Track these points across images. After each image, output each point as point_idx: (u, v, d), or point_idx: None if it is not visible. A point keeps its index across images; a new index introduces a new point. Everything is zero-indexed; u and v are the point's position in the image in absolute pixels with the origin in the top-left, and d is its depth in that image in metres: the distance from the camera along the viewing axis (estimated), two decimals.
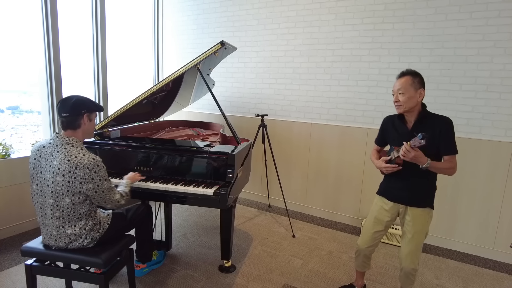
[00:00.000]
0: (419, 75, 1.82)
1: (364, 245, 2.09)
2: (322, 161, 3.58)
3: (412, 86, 1.79)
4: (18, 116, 3.36)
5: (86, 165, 1.66)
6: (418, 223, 1.88)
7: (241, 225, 3.36)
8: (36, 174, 1.73)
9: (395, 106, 1.86)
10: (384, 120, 2.08)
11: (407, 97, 1.79)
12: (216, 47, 2.49)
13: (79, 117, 1.73)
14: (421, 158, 1.71)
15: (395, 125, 1.96)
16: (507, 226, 2.81)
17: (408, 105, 1.81)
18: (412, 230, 1.89)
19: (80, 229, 1.75)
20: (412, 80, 1.79)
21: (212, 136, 3.13)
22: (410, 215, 1.90)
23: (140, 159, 2.37)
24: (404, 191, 1.90)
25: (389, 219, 2.00)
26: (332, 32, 3.35)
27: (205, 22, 4.15)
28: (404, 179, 1.89)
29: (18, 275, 2.36)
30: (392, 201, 1.97)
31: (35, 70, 3.23)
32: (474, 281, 2.54)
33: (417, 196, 1.88)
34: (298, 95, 3.65)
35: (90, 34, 3.61)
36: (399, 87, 1.81)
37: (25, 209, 3.02)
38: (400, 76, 1.85)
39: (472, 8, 2.73)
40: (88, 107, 1.77)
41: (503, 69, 2.69)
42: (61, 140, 1.70)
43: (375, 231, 2.04)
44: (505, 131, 2.74)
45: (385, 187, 2.04)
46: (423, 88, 1.81)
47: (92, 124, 1.84)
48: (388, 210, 1.99)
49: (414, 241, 1.88)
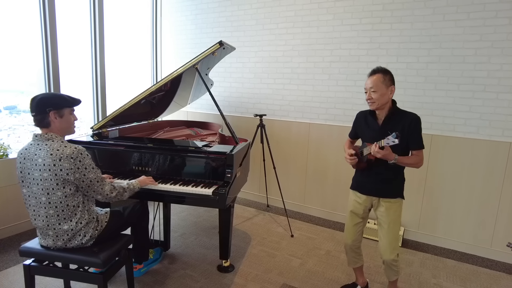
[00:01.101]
0: (389, 73, 1.89)
1: (348, 239, 2.16)
2: (321, 161, 3.59)
3: (384, 84, 1.85)
4: (16, 116, 3.35)
5: (70, 155, 1.66)
6: (392, 213, 1.97)
7: (239, 225, 3.36)
8: (24, 177, 1.72)
9: (368, 103, 1.93)
10: (357, 115, 2.15)
11: (379, 94, 1.86)
12: (215, 47, 2.49)
13: (45, 116, 1.70)
14: (389, 156, 1.80)
15: (367, 121, 2.04)
16: (504, 226, 2.82)
17: (381, 101, 1.88)
18: (387, 220, 1.97)
19: (77, 223, 1.74)
20: (383, 77, 1.86)
21: (211, 136, 3.13)
22: (383, 206, 1.99)
23: (138, 159, 2.36)
24: (376, 184, 1.99)
25: (364, 212, 2.10)
26: (331, 32, 3.36)
27: (203, 22, 4.15)
28: (375, 173, 1.98)
29: (16, 276, 2.36)
30: (365, 194, 2.06)
31: (33, 70, 3.22)
32: (471, 280, 2.56)
33: (388, 188, 1.98)
34: (296, 95, 3.65)
35: (88, 34, 3.60)
36: (371, 85, 1.87)
37: (23, 209, 3.01)
38: (371, 74, 1.91)
39: (469, 8, 2.74)
40: (54, 104, 1.71)
41: (500, 69, 2.70)
42: (40, 138, 1.71)
43: (354, 224, 2.12)
44: (502, 131, 2.75)
45: (357, 182, 2.12)
46: (393, 85, 1.89)
47: (66, 121, 1.76)
48: (362, 203, 2.08)
49: (391, 231, 1.96)
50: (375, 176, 1.99)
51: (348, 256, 2.23)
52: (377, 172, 1.97)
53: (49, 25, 3.10)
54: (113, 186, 1.87)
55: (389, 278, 2.09)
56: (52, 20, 3.12)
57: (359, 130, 2.14)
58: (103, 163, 2.41)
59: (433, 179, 3.04)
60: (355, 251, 2.19)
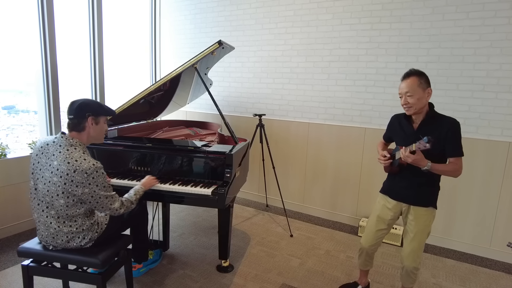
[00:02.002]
0: (424, 74, 1.79)
1: (367, 243, 2.10)
2: (320, 161, 3.59)
3: (420, 87, 1.76)
4: (14, 116, 3.34)
5: (85, 170, 1.65)
6: (421, 222, 1.88)
7: (239, 225, 3.36)
8: (35, 171, 1.72)
9: (405, 108, 1.84)
10: (392, 118, 2.07)
11: (417, 98, 1.76)
12: (214, 46, 2.48)
13: (83, 120, 1.73)
14: (421, 162, 1.72)
15: (401, 125, 1.95)
16: (503, 225, 2.83)
17: (418, 106, 1.78)
18: (415, 229, 1.89)
19: (77, 228, 1.74)
20: (419, 80, 1.76)
21: (210, 135, 3.12)
22: (413, 214, 1.91)
23: (137, 159, 2.36)
24: (408, 190, 1.91)
25: (391, 218, 2.01)
26: (330, 31, 3.35)
27: (202, 21, 4.14)
28: (408, 178, 1.89)
29: (14, 276, 2.35)
30: (396, 200, 1.98)
31: (32, 70, 3.21)
32: (471, 280, 2.56)
33: (421, 196, 1.89)
34: (295, 95, 3.65)
35: (87, 34, 3.59)
36: (407, 90, 1.77)
37: (21, 210, 3.00)
38: (405, 78, 1.81)
39: (468, 8, 2.74)
40: (94, 111, 1.75)
41: (500, 69, 2.70)
42: (65, 141, 1.70)
43: (378, 229, 2.04)
44: (501, 130, 2.75)
45: (389, 186, 2.04)
46: (430, 87, 1.79)
47: (100, 129, 1.81)
48: (391, 208, 2.00)
49: (417, 240, 1.89)
50: (408, 181, 1.90)
51: (361, 259, 2.19)
52: (410, 177, 1.88)
53: (47, 24, 3.09)
54: (122, 202, 1.85)
55: (404, 284, 2.01)
56: (50, 20, 3.11)
57: (393, 134, 2.05)
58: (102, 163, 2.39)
59: None
60: (369, 255, 2.15)
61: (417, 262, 1.91)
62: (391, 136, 2.10)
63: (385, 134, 2.15)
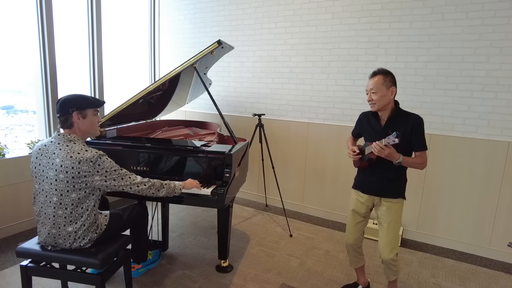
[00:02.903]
0: (390, 74, 1.89)
1: (350, 239, 2.16)
2: (319, 161, 3.58)
3: (384, 85, 1.86)
4: (13, 115, 3.33)
5: (90, 158, 1.65)
6: (393, 212, 1.98)
7: (238, 225, 3.35)
8: (38, 173, 1.71)
9: (370, 104, 1.94)
10: (360, 115, 2.16)
11: (380, 95, 1.87)
12: (213, 46, 2.48)
13: (69, 116, 1.71)
14: (394, 155, 1.81)
15: (370, 122, 2.05)
16: (503, 225, 2.83)
17: (381, 103, 1.88)
18: (388, 220, 1.98)
19: (81, 226, 1.73)
20: (383, 79, 1.86)
21: (209, 135, 3.12)
22: (384, 205, 2.00)
23: (136, 159, 2.35)
24: (378, 184, 2.00)
25: (365, 211, 2.11)
26: (329, 31, 3.35)
27: (201, 21, 4.13)
28: (377, 172, 1.99)
29: (13, 276, 2.34)
30: (367, 193, 2.07)
31: (30, 69, 3.20)
32: (470, 280, 2.56)
33: (390, 188, 1.99)
34: (295, 95, 3.65)
35: (86, 33, 3.59)
36: (372, 87, 1.88)
37: (20, 210, 3.00)
38: (372, 76, 1.92)
39: (468, 8, 2.74)
40: (78, 105, 1.72)
41: (499, 69, 2.70)
42: (62, 138, 1.70)
43: (356, 223, 2.13)
44: (501, 130, 2.75)
45: (360, 181, 2.12)
46: (394, 86, 1.89)
47: (89, 122, 1.78)
48: (364, 202, 2.09)
49: (391, 231, 1.97)
50: (378, 176, 1.99)
51: (350, 256, 2.22)
52: (380, 171, 1.98)
53: (46, 24, 3.08)
54: (148, 179, 1.86)
55: (388, 278, 2.08)
56: (49, 19, 3.10)
57: (361, 130, 2.15)
58: None
59: (432, 178, 3.04)
60: (356, 251, 2.19)
61: (394, 253, 1.97)
62: (359, 132, 2.20)
63: (354, 130, 2.25)
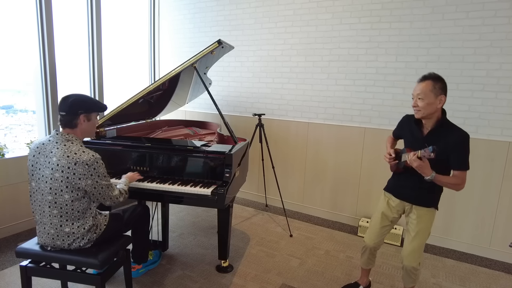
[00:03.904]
0: (441, 80, 1.76)
1: (371, 241, 2.11)
2: (319, 161, 3.58)
3: (433, 92, 1.73)
4: (13, 115, 3.32)
5: (86, 161, 1.66)
6: (423, 221, 1.90)
7: (238, 225, 3.35)
8: (35, 171, 1.71)
9: (414, 110, 1.83)
10: (404, 118, 2.06)
11: (426, 103, 1.74)
12: (213, 46, 2.47)
13: (75, 117, 1.72)
14: (425, 170, 1.71)
15: (411, 127, 1.94)
16: (503, 225, 2.82)
17: (427, 111, 1.76)
18: (416, 228, 1.90)
19: (79, 227, 1.73)
20: (433, 85, 1.73)
21: (209, 135, 3.11)
22: (415, 214, 1.92)
23: (136, 159, 2.35)
24: (412, 191, 1.92)
25: (395, 216, 2.04)
26: (329, 31, 3.35)
27: (201, 21, 4.13)
28: (413, 179, 1.89)
29: (13, 277, 2.33)
30: (399, 198, 2.00)
31: (30, 69, 3.19)
32: (470, 280, 2.56)
33: (424, 196, 1.90)
34: (295, 94, 3.64)
35: (86, 33, 3.58)
36: (419, 92, 1.76)
37: (19, 210, 2.99)
38: (421, 80, 1.79)
39: (468, 7, 2.74)
40: (86, 107, 1.75)
41: (500, 69, 2.70)
42: (60, 137, 1.70)
43: (382, 226, 2.07)
44: (501, 130, 2.75)
45: (393, 185, 2.06)
46: (444, 94, 1.75)
47: (91, 124, 1.81)
48: (395, 206, 2.02)
49: (417, 239, 1.90)
50: (412, 182, 1.90)
51: (364, 257, 2.20)
52: (416, 179, 1.86)
53: (45, 23, 3.08)
54: (120, 191, 1.90)
55: (405, 284, 2.02)
56: (49, 19, 3.10)
57: (402, 133, 2.05)
58: None
59: None
60: (373, 254, 2.16)
61: (417, 262, 1.91)
62: (400, 135, 2.11)
63: (395, 131, 2.16)
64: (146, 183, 2.20)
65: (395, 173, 2.05)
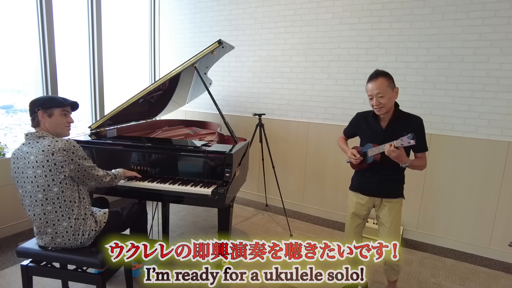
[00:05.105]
0: (389, 74, 1.84)
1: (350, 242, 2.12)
2: (320, 160, 3.58)
3: (389, 87, 1.81)
4: (12, 115, 3.33)
5: (62, 147, 1.68)
6: (394, 212, 1.98)
7: (238, 225, 3.35)
8: (18, 177, 1.72)
9: (376, 109, 1.87)
10: (357, 116, 2.11)
11: (388, 98, 1.81)
12: (214, 45, 2.47)
13: (35, 115, 1.75)
14: (403, 158, 1.77)
15: (368, 123, 2.00)
16: (503, 225, 2.83)
17: (389, 105, 1.84)
18: (390, 219, 1.98)
19: (76, 220, 1.74)
20: (387, 80, 1.81)
21: (209, 135, 3.11)
22: (386, 206, 1.99)
23: (137, 159, 2.35)
24: (379, 185, 1.98)
25: (366, 212, 2.09)
26: (329, 31, 3.35)
27: (202, 21, 4.13)
28: (379, 174, 1.96)
29: (13, 276, 2.34)
30: (368, 195, 2.04)
31: (30, 69, 3.19)
32: (470, 279, 2.56)
33: (392, 189, 1.98)
34: (295, 94, 3.64)
35: (86, 33, 3.58)
36: (378, 90, 1.80)
37: (20, 209, 2.98)
38: (373, 78, 1.84)
39: (468, 8, 2.74)
40: (42, 104, 1.76)
41: (499, 69, 2.70)
42: (31, 136, 1.73)
43: (355, 225, 2.12)
44: (501, 130, 2.76)
45: (359, 183, 2.09)
46: (395, 86, 1.85)
47: (55, 121, 1.78)
48: (364, 204, 2.06)
49: (393, 230, 1.97)
50: (379, 177, 1.96)
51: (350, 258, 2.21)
52: (381, 173, 1.95)
53: (46, 23, 3.08)
54: (106, 172, 1.94)
55: (389, 278, 2.08)
56: (49, 19, 3.10)
57: (358, 131, 2.11)
58: (101, 163, 2.39)
59: (432, 178, 3.04)
60: None
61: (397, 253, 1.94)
62: (355, 132, 2.16)
63: (347, 130, 2.21)
64: (147, 182, 2.21)
65: (359, 171, 2.08)
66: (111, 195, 2.35)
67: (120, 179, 2.07)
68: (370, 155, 1.93)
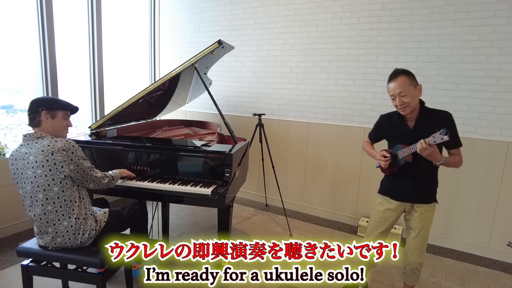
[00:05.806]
0: (410, 72, 1.78)
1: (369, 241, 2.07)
2: (319, 160, 3.59)
3: (411, 85, 1.74)
4: (12, 115, 3.33)
5: (61, 148, 1.69)
6: (426, 218, 1.89)
7: (238, 225, 3.36)
8: (18, 178, 1.72)
9: (400, 109, 1.79)
10: (382, 119, 2.03)
11: (411, 96, 1.74)
12: (214, 46, 2.48)
13: (37, 115, 1.75)
14: (437, 155, 1.69)
15: (394, 125, 1.92)
16: (502, 225, 2.83)
17: (414, 104, 1.77)
18: (420, 226, 1.89)
19: (76, 219, 1.74)
20: (409, 79, 1.75)
21: (209, 135, 3.12)
22: (417, 211, 1.90)
23: (136, 159, 2.35)
24: (411, 190, 1.88)
25: (394, 218, 1.99)
26: (329, 31, 3.35)
27: (202, 21, 4.13)
28: (409, 178, 1.87)
29: (14, 276, 2.34)
30: (399, 200, 1.94)
31: (30, 69, 3.19)
32: (470, 279, 2.56)
33: (424, 193, 1.89)
34: (295, 94, 3.65)
35: (86, 33, 3.58)
36: (400, 90, 1.73)
37: (20, 209, 2.99)
38: (394, 78, 1.77)
39: (468, 8, 2.74)
40: (47, 104, 1.76)
41: (499, 69, 2.71)
42: (30, 137, 1.73)
43: (380, 231, 2.00)
44: (500, 130, 2.76)
45: (389, 187, 1.99)
46: (418, 82, 1.78)
47: (57, 123, 1.79)
48: (394, 209, 1.96)
49: (421, 236, 1.89)
50: (410, 181, 1.87)
51: None
52: (413, 176, 1.85)
53: (46, 23, 3.08)
54: (104, 173, 1.94)
55: (409, 282, 1.99)
56: (49, 19, 3.10)
57: (385, 134, 2.01)
58: (101, 163, 2.39)
59: None
60: None
61: (421, 258, 1.91)
62: (380, 136, 2.08)
63: (372, 134, 2.12)
64: (147, 182, 2.21)
65: (389, 175, 1.99)
66: (111, 195, 2.36)
67: (117, 180, 2.08)
68: (401, 156, 1.82)
